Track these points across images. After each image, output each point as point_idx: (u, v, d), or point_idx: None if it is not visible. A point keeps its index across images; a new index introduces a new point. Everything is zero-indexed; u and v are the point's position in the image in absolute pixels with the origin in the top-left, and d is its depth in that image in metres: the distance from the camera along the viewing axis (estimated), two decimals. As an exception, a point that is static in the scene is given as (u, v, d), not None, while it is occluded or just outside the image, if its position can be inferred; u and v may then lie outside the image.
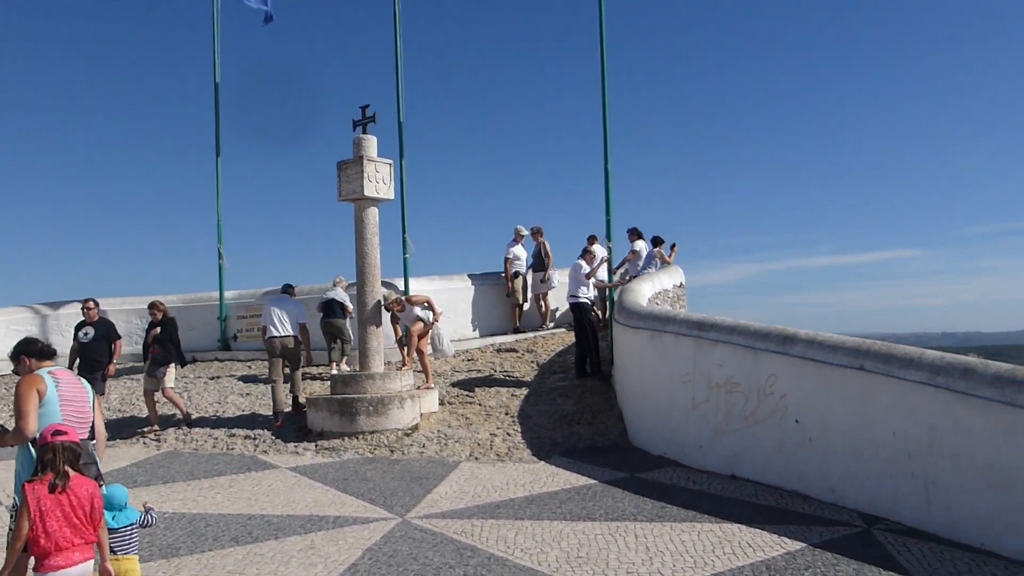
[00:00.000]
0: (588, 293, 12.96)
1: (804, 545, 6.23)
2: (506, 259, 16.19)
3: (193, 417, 11.86)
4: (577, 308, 12.88)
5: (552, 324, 16.76)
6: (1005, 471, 6.04)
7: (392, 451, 10.03)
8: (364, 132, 11.81)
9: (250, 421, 11.64)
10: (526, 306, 16.51)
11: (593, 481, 8.44)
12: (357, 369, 11.95)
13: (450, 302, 15.63)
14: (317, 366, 14.34)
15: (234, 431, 11.11)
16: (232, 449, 10.50)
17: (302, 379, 12.49)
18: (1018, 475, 5.95)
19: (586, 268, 13.01)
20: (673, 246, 16.84)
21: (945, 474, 6.47)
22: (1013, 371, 6.20)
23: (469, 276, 16.63)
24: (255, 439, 10.75)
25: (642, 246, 16.33)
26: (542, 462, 9.44)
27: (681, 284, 16.01)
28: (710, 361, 8.88)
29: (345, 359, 14.08)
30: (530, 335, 15.88)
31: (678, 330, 9.43)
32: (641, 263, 15.92)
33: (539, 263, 16.45)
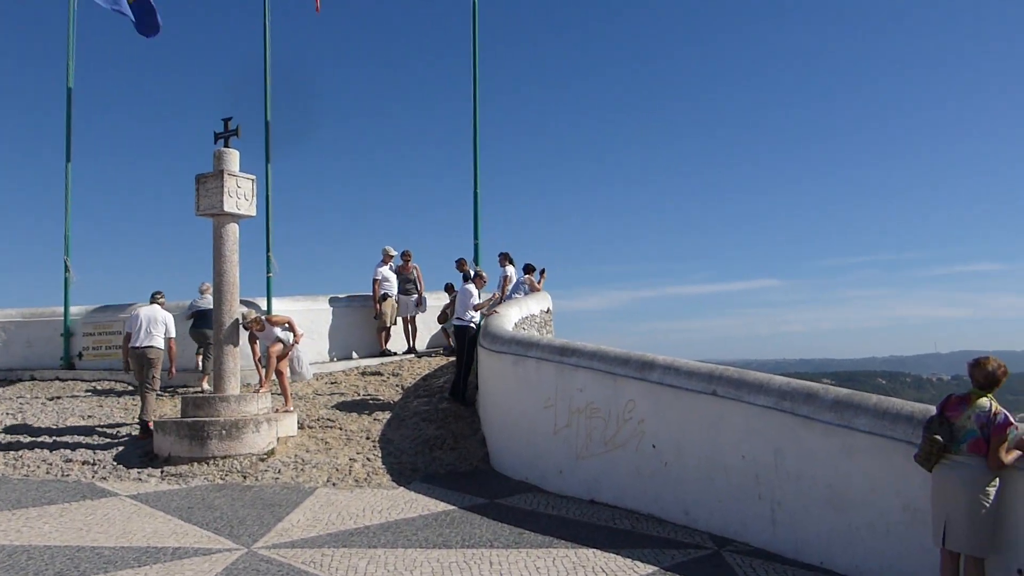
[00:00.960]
0: (475, 317, 12.85)
1: (656, 568, 6.30)
2: (374, 280, 15.89)
3: None
4: (462, 331, 12.75)
5: (420, 348, 16.55)
6: (843, 492, 6.32)
7: (245, 477, 9.58)
8: (226, 145, 11.38)
9: (90, 445, 10.85)
10: (394, 329, 16.24)
11: (452, 507, 8.29)
12: (212, 390, 11.40)
13: (315, 323, 15.20)
14: (184, 387, 13.60)
15: (71, 456, 10.32)
16: (67, 475, 9.75)
17: (156, 397, 11.72)
18: (855, 496, 6.24)
19: (475, 296, 12.89)
20: (543, 272, 16.98)
21: (790, 496, 6.71)
22: (851, 396, 6.51)
23: (335, 297, 16.24)
24: (94, 464, 10.02)
25: (512, 271, 16.38)
26: (401, 488, 9.22)
27: (548, 310, 16.13)
28: (571, 386, 8.94)
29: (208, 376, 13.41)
30: (396, 358, 15.62)
31: (541, 355, 9.46)
32: (510, 288, 15.94)
33: (408, 286, 16.24)
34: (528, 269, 16.60)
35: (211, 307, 12.09)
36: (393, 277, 16.08)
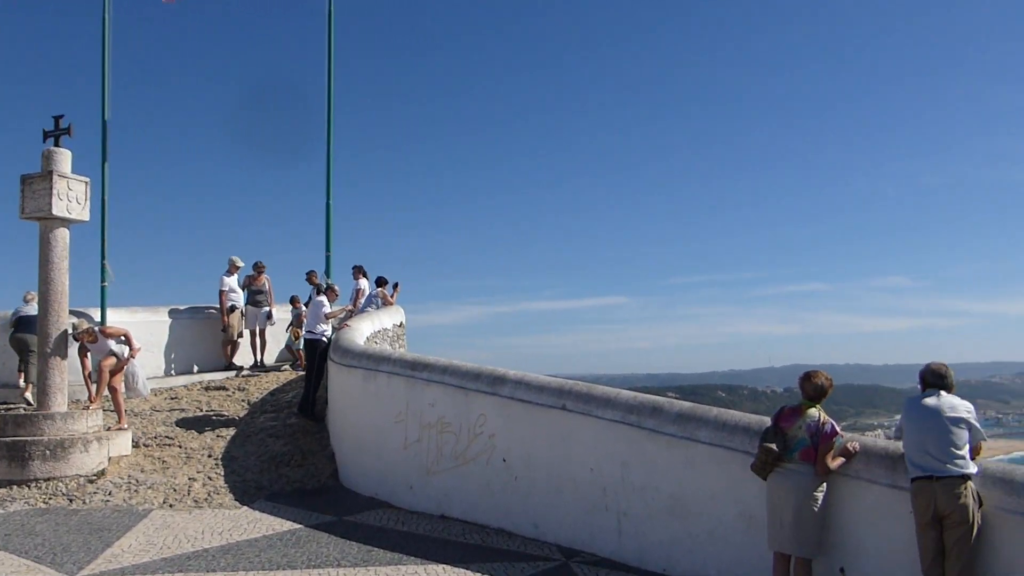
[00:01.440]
0: (327, 330, 12.49)
1: (505, 582, 6.31)
2: (221, 291, 15.23)
3: None
4: (312, 345, 12.37)
5: (269, 362, 15.98)
6: (685, 501, 6.56)
7: (71, 500, 8.92)
8: (57, 144, 10.63)
9: None
10: (241, 342, 15.60)
11: (298, 526, 8.02)
12: (36, 407, 10.56)
13: (154, 336, 14.40)
14: (4, 404, 12.51)
15: None
16: None
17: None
18: (696, 504, 6.49)
19: (327, 308, 12.54)
20: (396, 285, 16.80)
21: (635, 506, 6.89)
22: (694, 409, 6.78)
23: (176, 309, 15.43)
24: None
25: (365, 284, 16.12)
26: (245, 507, 8.84)
27: (402, 323, 15.96)
28: (423, 401, 8.86)
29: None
30: (243, 373, 15.01)
31: (392, 370, 9.33)
32: (363, 301, 15.67)
33: (258, 297, 15.65)
34: (381, 282, 16.37)
35: (34, 313, 11.24)
36: (239, 288, 15.47)
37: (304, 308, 14.87)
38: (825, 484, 5.64)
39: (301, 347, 14.05)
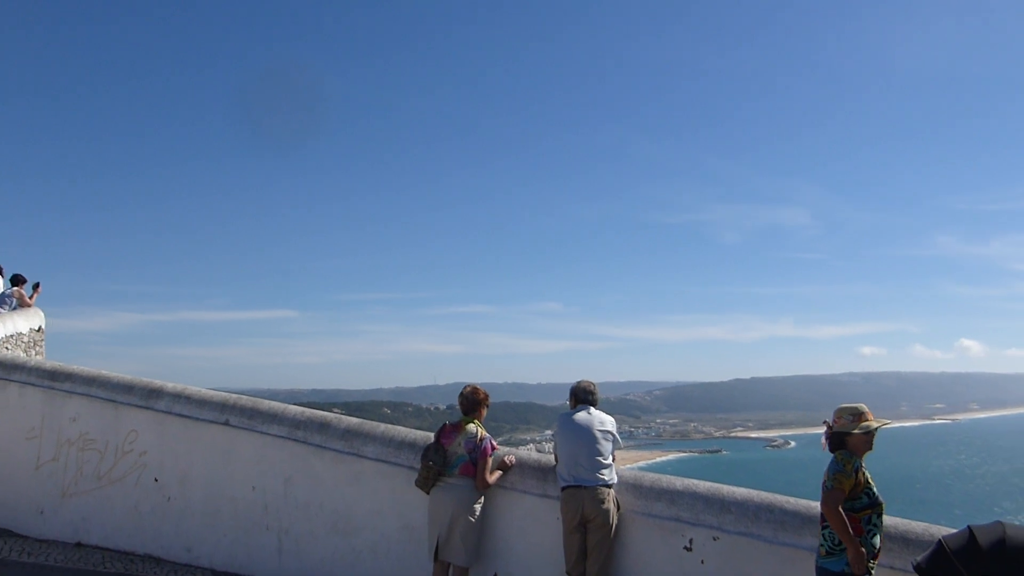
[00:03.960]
0: None
1: (151, 613, 5.83)
2: None
3: None
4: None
5: None
6: (349, 517, 6.55)
7: None
8: None
9: None
10: None
11: None
12: None
13: None
14: None
15: None
16: None
17: None
18: (360, 520, 6.51)
19: None
20: (36, 286, 14.96)
21: (298, 524, 6.74)
22: (361, 425, 6.81)
23: None
24: None
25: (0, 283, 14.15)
26: None
27: (40, 328, 14.23)
28: (63, 415, 7.94)
29: None
30: None
31: (26, 379, 8.26)
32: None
33: None
34: (17, 280, 14.48)
35: None
36: None
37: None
38: (483, 497, 5.95)
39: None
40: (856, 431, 4.64)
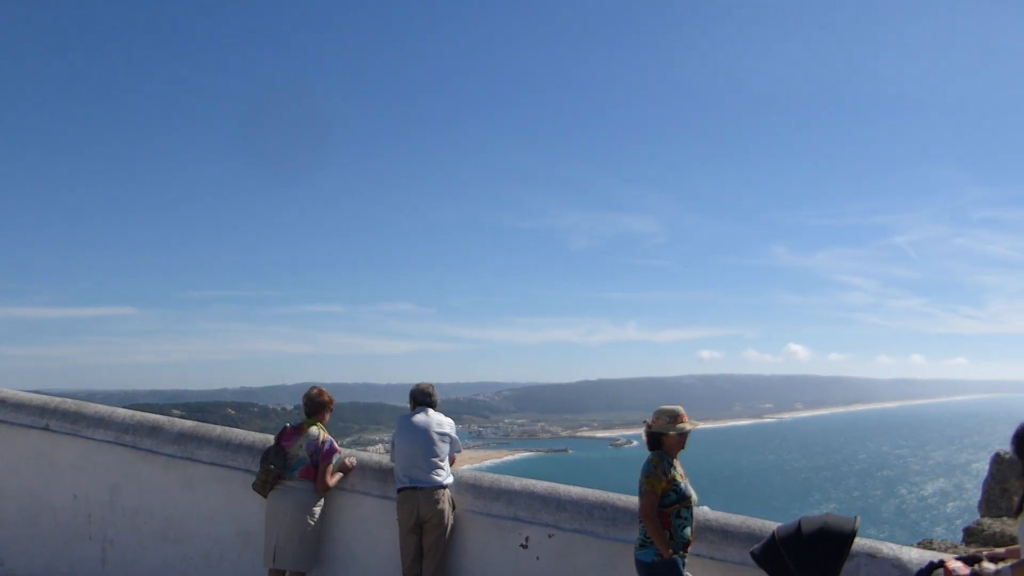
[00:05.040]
0: None
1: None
2: None
3: None
4: None
5: None
6: (181, 523, 6.31)
7: None
8: None
9: None
10: None
11: None
12: None
13: None
14: None
15: None
16: None
17: None
18: (192, 526, 6.28)
19: None
20: None
21: (124, 533, 6.43)
22: (196, 428, 6.58)
23: None
24: None
25: None
26: None
27: None
28: None
29: None
30: None
31: None
32: None
33: None
34: None
35: None
36: None
37: None
38: (323, 500, 5.89)
39: None
40: (672, 432, 4.99)
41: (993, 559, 4.15)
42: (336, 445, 6.03)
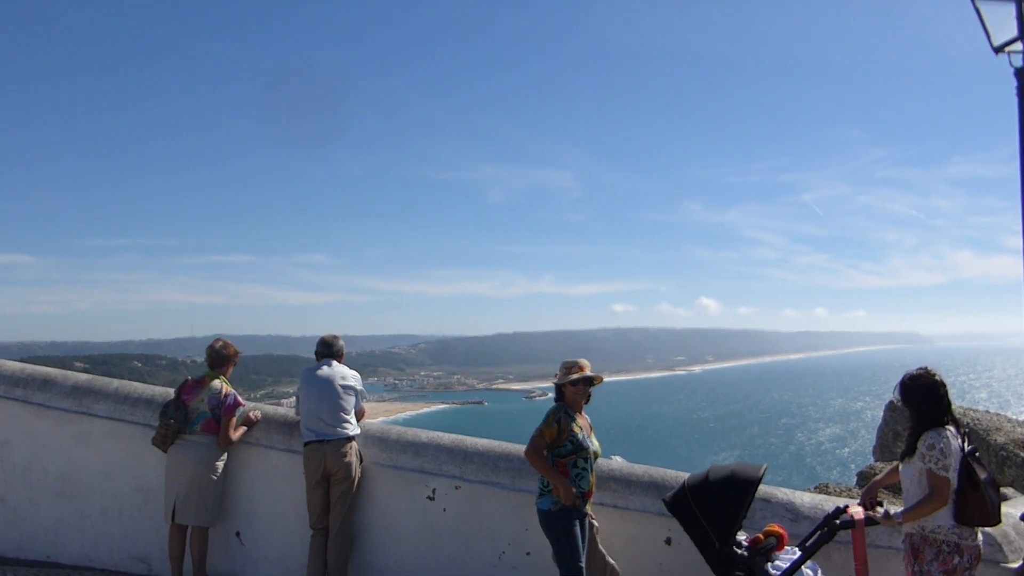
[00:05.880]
0: None
1: None
2: None
3: None
4: None
5: None
6: (76, 480, 6.11)
7: None
8: None
9: None
10: None
11: None
12: None
13: None
14: None
15: None
16: None
17: None
18: (89, 483, 6.09)
19: None
20: None
21: (16, 490, 6.19)
22: (92, 381, 6.35)
23: None
24: None
25: None
26: None
27: None
28: None
29: None
30: None
31: None
32: None
33: None
34: None
35: None
36: None
37: None
38: (226, 454, 5.79)
39: None
40: (567, 382, 5.09)
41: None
42: (240, 399, 5.90)
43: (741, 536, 4.47)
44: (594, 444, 5.09)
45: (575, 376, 5.09)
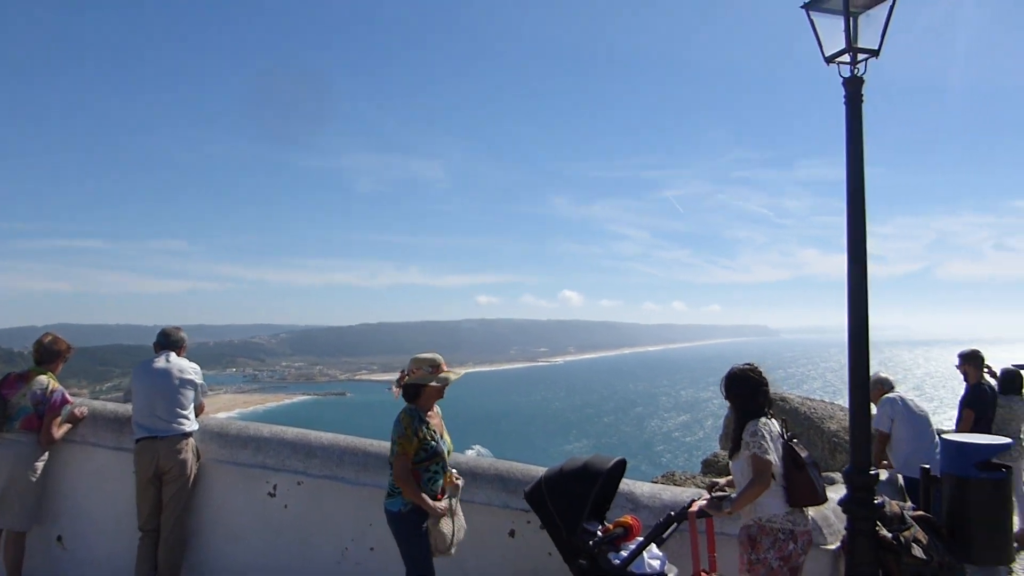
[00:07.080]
0: None
1: None
2: None
3: None
4: None
5: None
6: None
7: None
8: None
9: None
10: None
11: None
12: None
13: None
14: None
15: None
16: None
17: None
18: None
19: None
20: None
21: None
22: None
23: None
24: None
25: None
26: None
27: None
28: None
29: None
30: None
31: None
32: None
33: None
34: None
35: None
36: None
37: None
38: (47, 453, 5.43)
39: None
40: (434, 383, 4.67)
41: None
42: (68, 396, 5.55)
43: (596, 527, 4.58)
44: (447, 443, 4.77)
45: (449, 377, 4.73)
